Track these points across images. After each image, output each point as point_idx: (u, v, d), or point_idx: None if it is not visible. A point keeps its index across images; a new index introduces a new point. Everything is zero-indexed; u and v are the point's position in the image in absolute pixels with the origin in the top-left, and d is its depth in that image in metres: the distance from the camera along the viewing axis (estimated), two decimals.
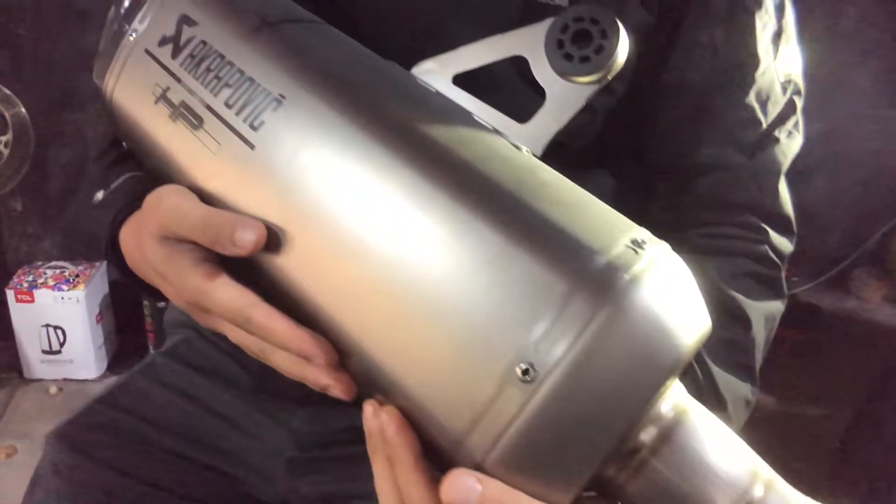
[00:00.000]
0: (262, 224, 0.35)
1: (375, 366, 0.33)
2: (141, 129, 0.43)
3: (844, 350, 1.92)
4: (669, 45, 0.48)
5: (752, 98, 0.49)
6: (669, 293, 0.32)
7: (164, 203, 0.37)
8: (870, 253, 2.32)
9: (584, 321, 0.29)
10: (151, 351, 1.52)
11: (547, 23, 0.40)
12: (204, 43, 0.41)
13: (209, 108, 0.39)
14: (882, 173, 2.19)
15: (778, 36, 0.50)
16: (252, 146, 0.36)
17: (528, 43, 0.40)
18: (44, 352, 1.55)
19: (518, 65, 0.41)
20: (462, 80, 0.42)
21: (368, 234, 0.33)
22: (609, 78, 0.39)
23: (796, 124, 0.53)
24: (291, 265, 0.36)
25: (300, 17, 0.44)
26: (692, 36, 0.48)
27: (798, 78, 0.52)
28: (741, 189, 0.50)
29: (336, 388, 0.34)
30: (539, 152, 0.39)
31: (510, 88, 0.42)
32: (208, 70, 0.40)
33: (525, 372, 0.30)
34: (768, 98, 0.50)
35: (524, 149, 0.38)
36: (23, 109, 1.59)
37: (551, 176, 0.35)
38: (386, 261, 0.33)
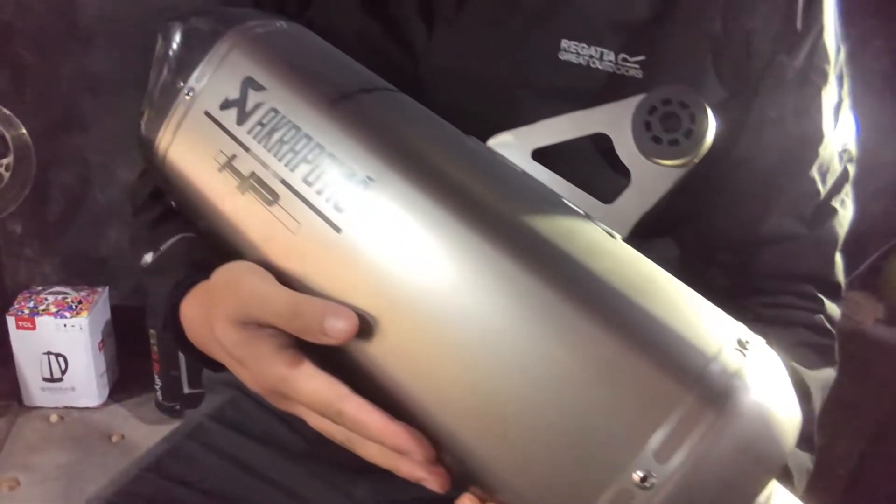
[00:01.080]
0: (353, 312, 0.34)
1: (477, 462, 0.33)
2: (201, 195, 0.41)
3: (843, 370, 1.94)
4: (740, 121, 0.48)
5: (814, 171, 0.49)
6: (774, 393, 0.32)
7: (242, 286, 0.36)
8: (863, 276, 2.36)
9: (702, 430, 0.29)
10: (157, 380, 1.49)
11: (631, 102, 0.39)
12: (275, 111, 0.39)
13: (285, 183, 0.37)
14: (875, 201, 2.23)
15: (839, 107, 0.50)
16: (338, 229, 0.35)
17: (611, 121, 0.40)
18: (44, 379, 1.52)
19: (596, 139, 0.40)
20: (538, 153, 0.42)
21: (468, 327, 0.33)
22: (696, 161, 0.39)
23: (848, 192, 0.53)
24: (382, 354, 0.35)
25: (374, 84, 0.42)
26: (763, 112, 0.48)
27: (852, 146, 0.53)
28: (802, 260, 0.50)
29: (431, 482, 0.34)
30: (626, 235, 0.39)
31: (587, 163, 0.42)
32: (282, 142, 0.38)
33: (643, 479, 0.29)
34: (828, 169, 0.50)
35: (618, 236, 0.37)
36: (24, 131, 1.56)
37: (651, 269, 0.35)
38: (489, 358, 0.32)
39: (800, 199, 0.50)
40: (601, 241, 0.36)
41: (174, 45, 0.45)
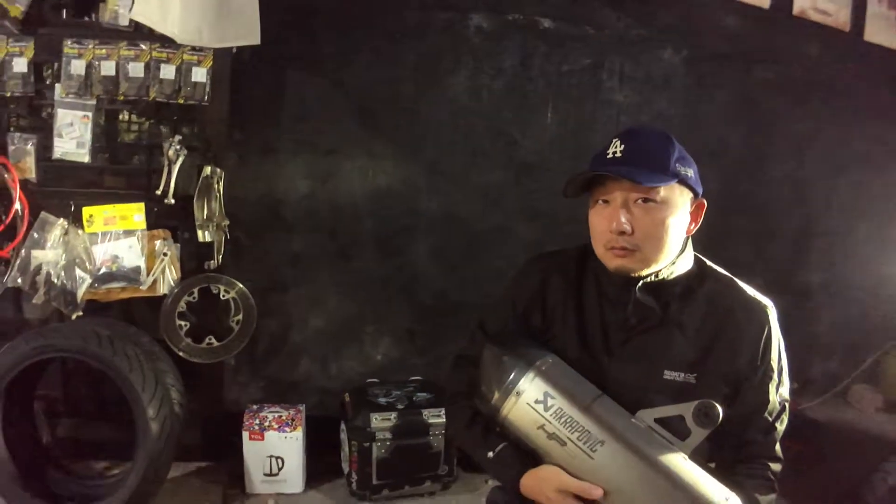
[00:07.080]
0: (598, 486, 1.15)
1: None
2: (526, 438, 1.23)
3: (841, 454, 2.57)
4: (734, 400, 1.28)
5: (767, 414, 1.28)
6: None
7: (561, 478, 1.17)
8: (865, 372, 3.04)
9: None
10: (354, 475, 2.29)
11: (692, 404, 1.20)
12: (561, 410, 1.20)
13: (569, 439, 1.19)
14: (875, 308, 2.94)
15: (778, 384, 1.30)
16: (592, 458, 1.17)
17: (686, 409, 1.20)
18: (265, 474, 2.31)
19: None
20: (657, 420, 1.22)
21: (636, 485, 1.13)
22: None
23: (783, 420, 1.32)
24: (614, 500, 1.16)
25: (596, 393, 1.23)
26: (745, 395, 1.27)
27: (787, 395, 1.32)
28: (762, 451, 1.29)
29: None
30: (689, 454, 1.19)
31: (672, 424, 1.21)
32: (566, 423, 1.19)
33: None
34: (774, 410, 1.29)
35: (686, 457, 1.17)
36: (241, 285, 2.37)
37: (700, 471, 1.16)
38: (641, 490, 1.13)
39: (761, 426, 1.29)
40: (682, 459, 1.16)
41: (499, 363, 1.27)
